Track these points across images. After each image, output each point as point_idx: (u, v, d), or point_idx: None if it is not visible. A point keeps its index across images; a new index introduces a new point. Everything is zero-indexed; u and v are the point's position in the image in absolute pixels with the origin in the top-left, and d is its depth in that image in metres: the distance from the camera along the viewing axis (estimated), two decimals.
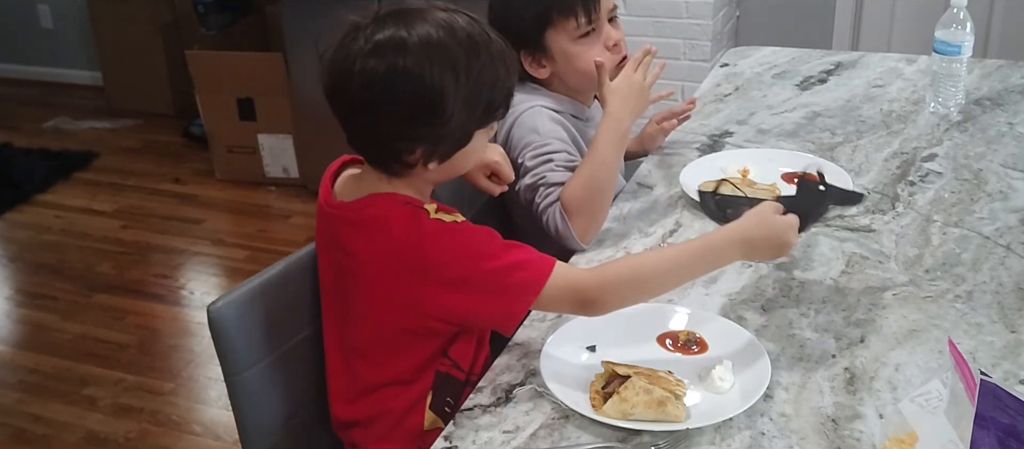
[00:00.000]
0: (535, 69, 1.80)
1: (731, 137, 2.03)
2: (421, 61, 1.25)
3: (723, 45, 3.64)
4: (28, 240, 3.75)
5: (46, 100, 5.09)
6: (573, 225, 1.61)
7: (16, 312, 3.30)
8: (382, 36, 1.26)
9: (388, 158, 1.32)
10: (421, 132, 1.28)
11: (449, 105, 1.26)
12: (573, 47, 1.76)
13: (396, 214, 1.30)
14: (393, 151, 1.31)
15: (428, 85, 1.25)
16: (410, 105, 1.26)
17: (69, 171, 4.24)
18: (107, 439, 2.61)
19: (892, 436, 1.17)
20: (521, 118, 1.77)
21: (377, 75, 1.25)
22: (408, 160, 1.31)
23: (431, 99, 1.26)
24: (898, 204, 1.73)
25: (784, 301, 1.46)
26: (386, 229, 1.30)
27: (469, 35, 1.29)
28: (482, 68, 1.28)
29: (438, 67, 1.25)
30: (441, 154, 1.31)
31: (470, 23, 1.31)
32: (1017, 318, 1.39)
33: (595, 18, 1.76)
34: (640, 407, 1.20)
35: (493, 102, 1.33)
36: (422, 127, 1.28)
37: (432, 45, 1.26)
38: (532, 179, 1.69)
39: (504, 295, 1.30)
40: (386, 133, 1.29)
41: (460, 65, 1.26)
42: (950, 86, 2.06)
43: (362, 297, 1.35)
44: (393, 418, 1.40)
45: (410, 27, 1.26)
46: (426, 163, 1.31)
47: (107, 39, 4.78)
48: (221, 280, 3.42)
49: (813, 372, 1.30)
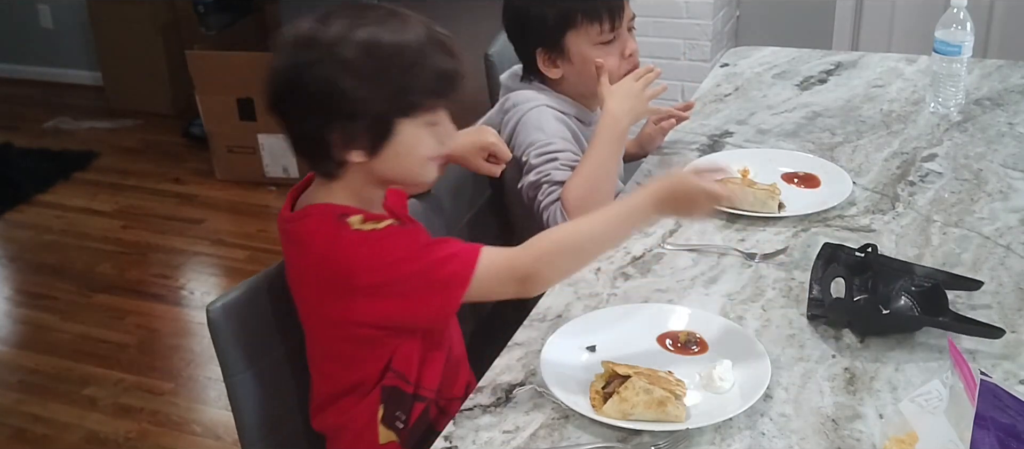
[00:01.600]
0: (548, 68, 1.80)
1: (731, 137, 2.03)
2: (308, 51, 1.26)
3: (723, 45, 3.64)
4: (28, 240, 3.75)
5: (46, 100, 5.09)
6: None
7: (16, 312, 3.30)
8: (289, 38, 1.28)
9: (317, 156, 1.32)
10: (326, 121, 1.27)
11: (346, 90, 1.25)
12: (592, 52, 1.78)
13: (319, 227, 1.30)
14: (317, 147, 1.30)
15: (318, 74, 1.25)
16: (308, 96, 1.26)
17: (69, 171, 4.24)
18: (107, 439, 2.61)
19: (892, 436, 1.17)
20: (527, 117, 1.77)
21: (278, 73, 1.28)
22: (335, 156, 1.30)
23: (324, 88, 1.25)
24: (898, 204, 1.73)
25: (784, 301, 1.46)
26: (309, 243, 1.31)
27: (378, 21, 1.28)
28: (390, 55, 1.26)
29: (330, 56, 1.25)
30: (360, 144, 1.29)
31: (385, 13, 1.30)
32: (1017, 318, 1.39)
33: (618, 26, 1.77)
34: (640, 407, 1.20)
35: (407, 88, 1.28)
36: (325, 116, 1.26)
37: (328, 36, 1.26)
38: (535, 176, 1.69)
39: (432, 292, 1.29)
40: (300, 128, 1.30)
41: (353, 49, 1.25)
42: (950, 86, 2.06)
43: (302, 309, 1.37)
44: (353, 431, 1.40)
45: (317, 24, 1.27)
46: (348, 154, 1.29)
47: (107, 39, 4.78)
48: (221, 280, 3.42)
49: (813, 372, 1.30)
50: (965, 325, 1.35)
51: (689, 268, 1.57)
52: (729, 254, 1.59)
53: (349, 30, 1.26)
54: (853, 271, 1.44)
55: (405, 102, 1.29)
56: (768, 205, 1.69)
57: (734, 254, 1.59)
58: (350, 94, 1.25)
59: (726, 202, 1.63)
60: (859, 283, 1.43)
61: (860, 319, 1.37)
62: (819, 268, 1.44)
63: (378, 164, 1.31)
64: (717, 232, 1.67)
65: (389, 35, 1.27)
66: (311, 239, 1.31)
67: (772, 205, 1.69)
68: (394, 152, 1.30)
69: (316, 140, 1.29)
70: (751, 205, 1.69)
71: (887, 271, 1.44)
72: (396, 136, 1.29)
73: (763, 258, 1.58)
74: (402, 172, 1.35)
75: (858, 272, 1.43)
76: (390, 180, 1.36)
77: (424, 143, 1.33)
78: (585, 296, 1.51)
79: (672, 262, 1.59)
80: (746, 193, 1.69)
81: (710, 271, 1.55)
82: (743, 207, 1.69)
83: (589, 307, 1.47)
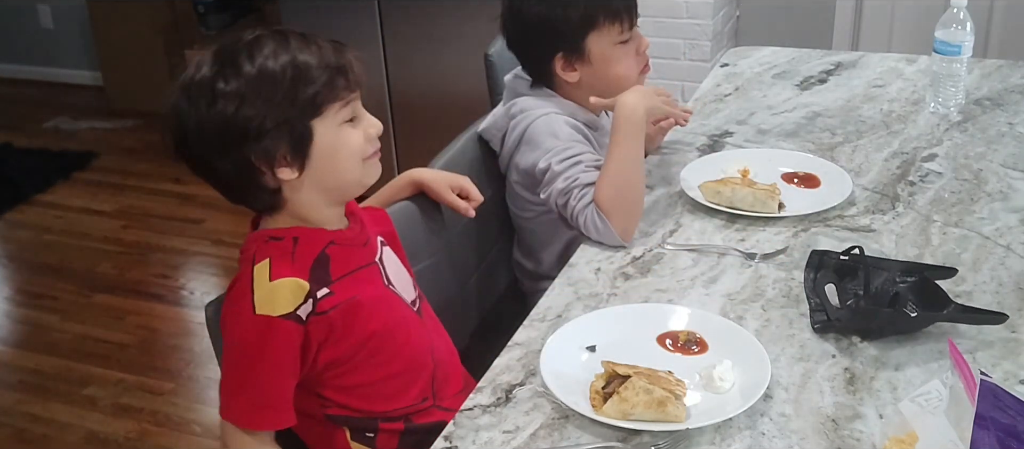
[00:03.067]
0: (567, 72, 1.80)
1: (731, 137, 2.03)
2: (196, 96, 1.26)
3: (723, 45, 3.64)
4: (28, 240, 3.75)
5: (46, 100, 5.09)
6: (613, 225, 1.61)
7: (16, 312, 3.30)
8: (176, 88, 1.29)
9: (251, 191, 1.31)
10: (240, 150, 1.26)
11: (247, 114, 1.24)
12: (612, 51, 1.79)
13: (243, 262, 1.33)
14: (247, 181, 1.29)
15: (213, 113, 1.25)
16: (214, 136, 1.25)
17: (69, 171, 4.24)
18: (107, 439, 2.61)
19: (892, 436, 1.17)
20: (536, 124, 1.76)
21: (177, 124, 1.28)
22: (267, 183, 1.29)
23: (225, 122, 1.24)
24: (898, 204, 1.73)
25: (784, 301, 1.46)
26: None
27: (252, 47, 1.27)
28: (274, 68, 1.26)
29: (216, 93, 1.25)
30: (285, 159, 1.27)
31: (255, 39, 1.29)
32: (1017, 318, 1.39)
33: (634, 23, 1.81)
34: (640, 407, 1.20)
35: (303, 90, 1.26)
36: (238, 145, 1.25)
37: (208, 75, 1.26)
38: (564, 183, 1.68)
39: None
40: (222, 171, 1.28)
41: (235, 80, 1.25)
42: (950, 86, 2.06)
43: None
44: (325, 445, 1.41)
45: (194, 70, 1.29)
46: (278, 173, 1.28)
47: (107, 39, 4.78)
48: (221, 280, 3.42)
49: (813, 372, 1.30)
50: (970, 315, 1.38)
51: (689, 268, 1.57)
52: (729, 254, 1.59)
53: (229, 62, 1.26)
54: (841, 275, 1.44)
55: (307, 103, 1.27)
56: (768, 205, 1.69)
57: (734, 254, 1.59)
58: (251, 114, 1.24)
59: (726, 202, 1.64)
60: (850, 286, 1.43)
61: (875, 324, 1.36)
62: (810, 279, 1.44)
63: (312, 175, 1.30)
64: (717, 232, 1.67)
65: (270, 51, 1.27)
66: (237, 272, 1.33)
67: (772, 205, 1.69)
68: (322, 157, 1.29)
69: (242, 175, 1.28)
70: (751, 205, 1.69)
71: (872, 270, 1.45)
72: (316, 139, 1.28)
73: (763, 258, 1.58)
74: (339, 174, 1.32)
75: (846, 275, 1.44)
76: (331, 187, 1.33)
77: (349, 139, 1.32)
78: (585, 296, 1.51)
79: (672, 262, 1.59)
80: (746, 193, 1.70)
81: (710, 271, 1.55)
82: (743, 207, 1.69)
83: (589, 307, 1.47)
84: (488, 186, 1.91)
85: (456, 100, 3.47)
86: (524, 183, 1.82)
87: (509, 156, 1.84)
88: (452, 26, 3.52)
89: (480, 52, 2.18)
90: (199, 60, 1.29)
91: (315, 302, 1.29)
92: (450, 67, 3.53)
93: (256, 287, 1.27)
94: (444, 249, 1.71)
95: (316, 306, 1.29)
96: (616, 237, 1.61)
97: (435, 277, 1.65)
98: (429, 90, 3.61)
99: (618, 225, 1.61)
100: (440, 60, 3.55)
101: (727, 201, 1.71)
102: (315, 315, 1.29)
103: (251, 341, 1.28)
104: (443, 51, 3.53)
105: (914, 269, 1.46)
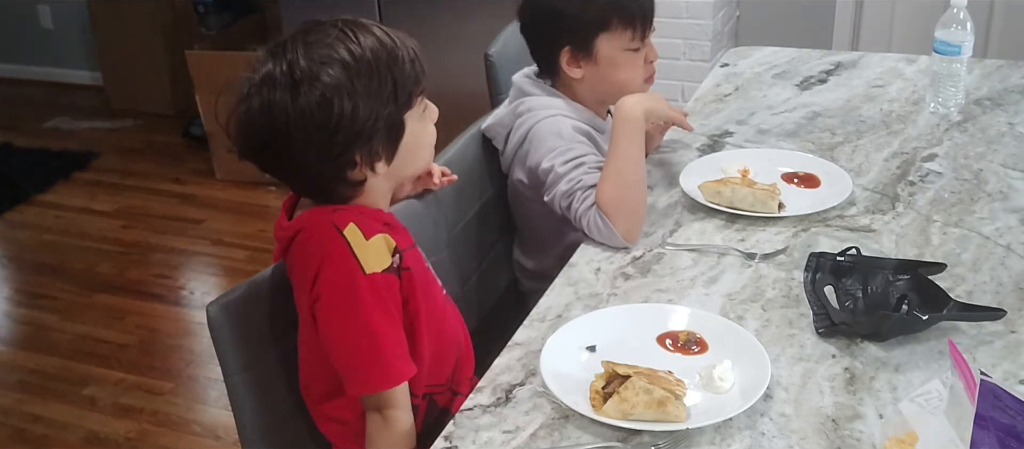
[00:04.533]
0: (571, 67, 1.80)
1: (731, 137, 2.03)
2: (289, 89, 1.24)
3: (723, 45, 3.64)
4: (28, 240, 3.75)
5: (46, 100, 5.09)
6: (616, 226, 1.61)
7: (16, 312, 3.30)
8: (261, 75, 1.26)
9: (334, 187, 1.31)
10: (346, 150, 1.26)
11: (356, 112, 1.24)
12: (620, 56, 1.79)
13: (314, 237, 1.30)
14: (334, 178, 1.30)
15: (319, 96, 1.23)
16: (315, 132, 1.24)
17: (69, 171, 4.24)
18: (107, 439, 2.61)
19: (892, 436, 1.17)
20: (541, 124, 1.76)
21: (258, 118, 1.25)
22: (353, 177, 1.30)
23: (327, 108, 1.23)
24: (898, 204, 1.73)
25: (784, 301, 1.46)
26: (301, 249, 1.31)
27: (342, 37, 1.27)
28: (372, 60, 1.26)
29: (317, 86, 1.23)
30: (380, 155, 1.30)
31: (342, 27, 1.29)
32: (1017, 318, 1.39)
33: (647, 33, 1.81)
34: (640, 407, 1.20)
35: (399, 84, 1.29)
36: (344, 145, 1.26)
37: (303, 67, 1.24)
38: (568, 185, 1.68)
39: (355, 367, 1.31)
40: (313, 162, 1.27)
41: (338, 70, 1.24)
42: (950, 86, 2.06)
43: (297, 305, 1.37)
44: (353, 428, 1.40)
45: (276, 61, 1.26)
46: (373, 168, 1.30)
47: (107, 39, 4.78)
48: (221, 280, 3.42)
49: (813, 372, 1.30)
50: (970, 312, 1.38)
51: (689, 268, 1.57)
52: (729, 254, 1.59)
53: (329, 51, 1.25)
54: (838, 275, 1.45)
55: (403, 97, 1.31)
56: (768, 205, 1.69)
57: (734, 254, 1.59)
58: (360, 113, 1.25)
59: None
60: (848, 287, 1.43)
61: (884, 327, 1.36)
62: (809, 282, 1.45)
63: (395, 167, 1.34)
64: (717, 232, 1.67)
65: (363, 42, 1.27)
66: (303, 248, 1.31)
67: (772, 205, 1.69)
68: (407, 149, 1.34)
69: (334, 171, 1.29)
70: (751, 205, 1.69)
71: (868, 270, 1.45)
72: (407, 132, 1.33)
73: (763, 258, 1.58)
74: (415, 163, 1.39)
75: (843, 275, 1.45)
76: (404, 177, 1.40)
77: (426, 129, 1.38)
78: (585, 296, 1.51)
79: (672, 262, 1.59)
80: (746, 193, 1.70)
81: (710, 271, 1.55)
82: (743, 207, 1.69)
83: (589, 307, 1.47)
84: (489, 185, 1.91)
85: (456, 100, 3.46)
86: (529, 183, 1.82)
87: (512, 155, 1.84)
88: (452, 26, 3.52)
89: (480, 52, 2.18)
90: (278, 51, 1.27)
91: (401, 257, 1.31)
92: (450, 67, 3.53)
93: (355, 248, 1.27)
94: (444, 248, 1.71)
95: (401, 262, 1.31)
96: (619, 239, 1.61)
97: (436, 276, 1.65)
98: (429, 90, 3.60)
99: (621, 226, 1.61)
100: (440, 60, 3.53)
101: (727, 201, 1.71)
102: (402, 270, 1.32)
103: (372, 302, 1.27)
104: (443, 51, 3.54)
105: (906, 267, 1.46)
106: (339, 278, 1.27)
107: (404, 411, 1.33)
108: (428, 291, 1.40)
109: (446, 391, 1.46)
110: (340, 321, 1.29)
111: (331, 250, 1.28)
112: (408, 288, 1.32)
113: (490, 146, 1.90)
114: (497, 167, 1.91)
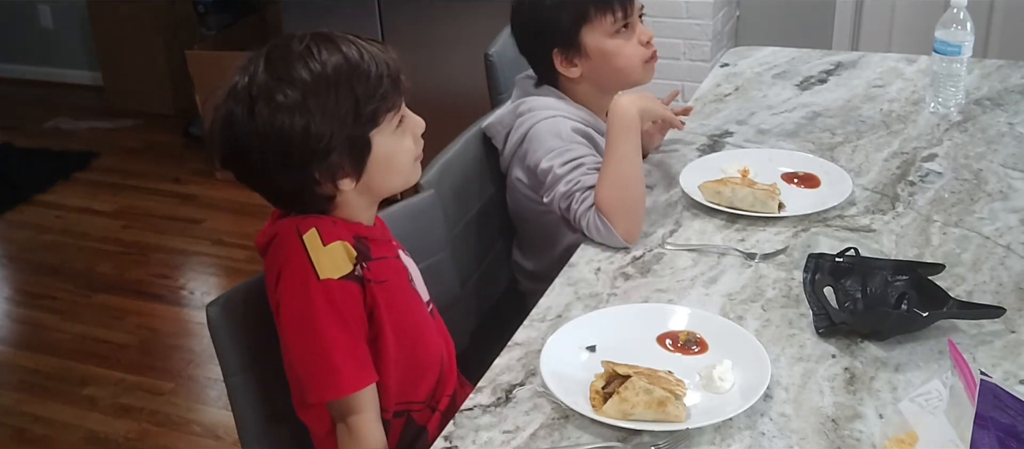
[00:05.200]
0: (566, 68, 1.80)
1: (731, 137, 2.03)
2: (251, 105, 1.25)
3: (723, 45, 3.64)
4: (28, 240, 3.75)
5: (46, 100, 5.09)
6: (615, 227, 1.61)
7: (16, 312, 3.30)
8: (229, 87, 1.27)
9: (306, 201, 1.31)
10: (304, 167, 1.26)
11: (311, 129, 1.24)
12: (609, 43, 1.79)
13: (283, 249, 1.30)
14: (303, 193, 1.30)
15: (269, 114, 1.24)
16: (274, 151, 1.25)
17: (69, 171, 4.24)
18: (107, 439, 2.61)
19: (892, 436, 1.17)
20: (541, 125, 1.76)
21: (227, 133, 1.27)
22: (320, 192, 1.30)
23: (279, 127, 1.23)
24: (898, 204, 1.73)
25: (784, 301, 1.46)
26: (274, 259, 1.31)
27: (308, 53, 1.27)
28: (335, 77, 1.25)
29: (276, 103, 1.24)
30: (346, 171, 1.29)
31: (309, 42, 1.28)
32: (1017, 318, 1.39)
33: (630, 13, 1.79)
34: (640, 407, 1.20)
35: (363, 101, 1.27)
36: (301, 162, 1.26)
37: (265, 83, 1.25)
38: (566, 186, 1.68)
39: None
40: (274, 176, 1.28)
41: (299, 87, 1.24)
42: (950, 86, 2.06)
43: None
44: (319, 436, 1.40)
45: (245, 76, 1.27)
46: (336, 185, 1.29)
47: (107, 39, 4.78)
48: (221, 280, 3.42)
49: (813, 372, 1.30)
50: (970, 311, 1.38)
51: (689, 268, 1.57)
52: (729, 254, 1.59)
53: (288, 69, 1.25)
54: (837, 277, 1.45)
55: (367, 115, 1.29)
56: (768, 205, 1.69)
57: (734, 254, 1.59)
58: (313, 131, 1.24)
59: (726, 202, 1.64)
60: (847, 287, 1.43)
61: (885, 325, 1.36)
62: (808, 283, 1.44)
63: (367, 182, 1.32)
64: (717, 232, 1.67)
65: (326, 59, 1.26)
66: (271, 254, 1.32)
67: (772, 205, 1.69)
68: (378, 165, 1.32)
69: (295, 186, 1.29)
70: (751, 205, 1.69)
71: (867, 270, 1.45)
72: (375, 149, 1.30)
73: (763, 258, 1.58)
74: (391, 178, 1.35)
75: (842, 277, 1.45)
76: (380, 190, 1.36)
77: (402, 144, 1.35)
78: (585, 296, 1.51)
79: (672, 262, 1.59)
80: (746, 193, 1.69)
81: (710, 271, 1.55)
82: (743, 207, 1.69)
83: (589, 307, 1.47)
84: (490, 185, 1.91)
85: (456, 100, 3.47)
86: (527, 182, 1.82)
87: (511, 155, 1.84)
88: (452, 26, 3.52)
89: (480, 52, 2.18)
90: (247, 64, 1.28)
91: (363, 267, 1.30)
92: (450, 67, 3.53)
93: (312, 253, 1.27)
94: (444, 249, 1.71)
95: (364, 271, 1.30)
96: (619, 239, 1.61)
97: (435, 277, 1.65)
98: (429, 90, 3.60)
99: (620, 227, 1.61)
100: (440, 60, 3.55)
101: (727, 201, 1.71)
102: (365, 280, 1.30)
103: (324, 308, 1.27)
104: (443, 51, 3.54)
105: (905, 267, 1.46)
106: (295, 283, 1.28)
107: (369, 420, 1.32)
108: (405, 305, 1.39)
109: (425, 409, 1.43)
110: (295, 327, 1.29)
111: (290, 255, 1.28)
112: (372, 299, 1.31)
113: (490, 146, 1.90)
114: (496, 167, 1.91)
